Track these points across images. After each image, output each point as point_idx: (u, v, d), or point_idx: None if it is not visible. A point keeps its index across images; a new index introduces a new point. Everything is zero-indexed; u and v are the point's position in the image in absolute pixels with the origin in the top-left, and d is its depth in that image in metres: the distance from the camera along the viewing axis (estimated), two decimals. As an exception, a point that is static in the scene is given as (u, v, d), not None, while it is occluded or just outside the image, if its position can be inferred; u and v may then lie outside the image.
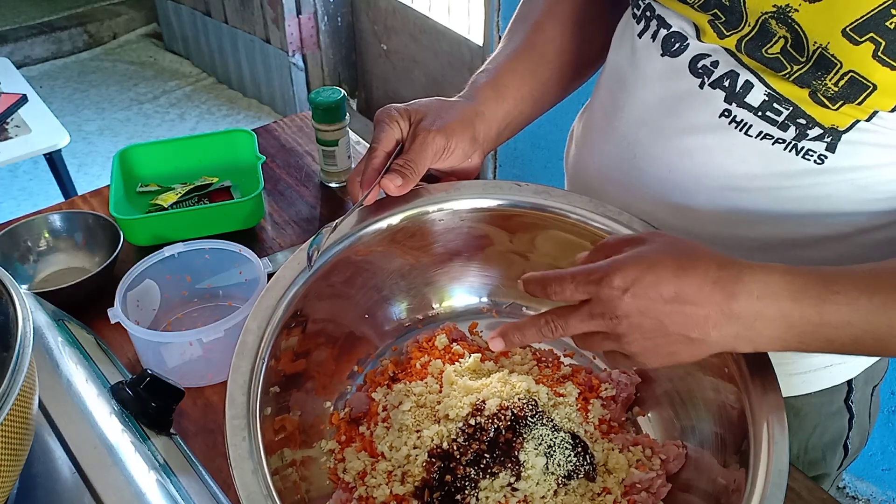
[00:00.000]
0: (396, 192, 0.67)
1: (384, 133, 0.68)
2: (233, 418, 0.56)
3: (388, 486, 0.63)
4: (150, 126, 3.07)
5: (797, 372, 0.75)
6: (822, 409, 0.78)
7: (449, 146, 0.68)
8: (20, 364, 0.49)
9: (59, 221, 0.96)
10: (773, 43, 0.58)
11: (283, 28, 2.78)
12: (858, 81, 0.55)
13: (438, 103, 0.71)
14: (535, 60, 0.78)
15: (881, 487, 1.70)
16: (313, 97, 1.02)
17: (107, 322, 0.77)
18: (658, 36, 0.67)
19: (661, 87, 0.67)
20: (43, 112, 1.98)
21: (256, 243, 0.99)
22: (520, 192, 0.72)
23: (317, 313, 0.68)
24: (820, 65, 0.56)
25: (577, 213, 0.70)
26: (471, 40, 2.35)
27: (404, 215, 0.70)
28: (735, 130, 0.63)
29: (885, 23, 0.52)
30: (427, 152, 0.67)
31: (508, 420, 0.62)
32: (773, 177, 0.63)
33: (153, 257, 0.84)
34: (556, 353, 0.74)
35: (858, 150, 0.60)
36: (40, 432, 0.56)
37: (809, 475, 0.82)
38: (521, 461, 0.61)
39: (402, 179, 0.66)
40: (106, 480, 0.53)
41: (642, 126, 0.69)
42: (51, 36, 3.48)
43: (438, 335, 0.74)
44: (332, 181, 1.08)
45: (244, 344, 0.60)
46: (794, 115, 0.60)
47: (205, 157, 1.09)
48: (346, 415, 0.69)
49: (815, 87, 0.58)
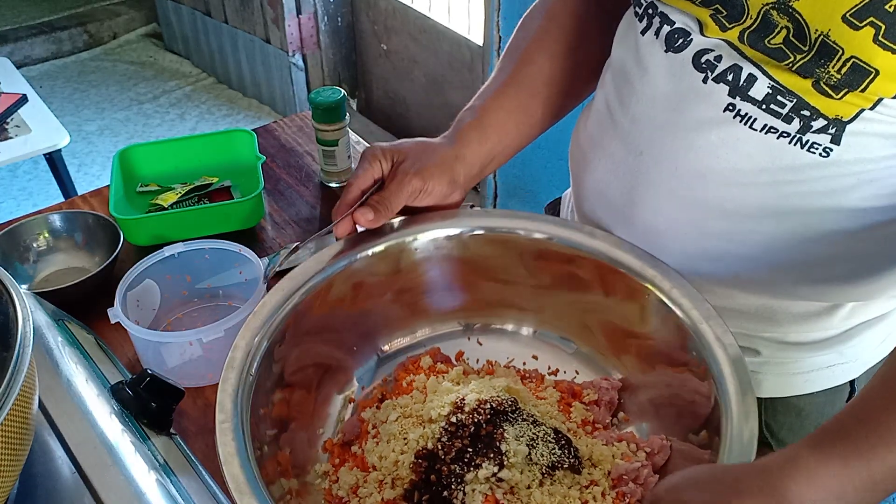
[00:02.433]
0: (367, 225, 0.71)
1: (363, 171, 0.72)
2: (222, 422, 0.58)
3: (380, 493, 0.63)
4: (150, 126, 3.07)
5: (800, 371, 0.75)
6: (824, 409, 0.78)
7: (426, 188, 0.72)
8: (20, 364, 0.49)
9: (59, 221, 0.96)
10: (776, 34, 0.59)
11: (283, 28, 2.78)
12: (860, 67, 0.55)
13: (421, 146, 0.74)
14: (522, 94, 0.79)
15: (881, 487, 1.70)
16: (313, 97, 1.02)
17: (107, 322, 0.77)
18: (661, 33, 0.67)
19: (666, 84, 0.67)
20: (43, 112, 1.98)
21: (256, 243, 0.99)
22: (488, 217, 0.75)
23: (298, 346, 0.69)
24: (822, 53, 0.56)
25: (544, 230, 0.73)
26: (471, 40, 2.35)
27: (382, 247, 0.73)
28: (740, 125, 0.63)
29: (884, 6, 0.53)
30: (403, 192, 0.71)
31: (488, 413, 0.63)
32: (779, 171, 0.63)
33: (153, 257, 0.84)
34: (541, 372, 0.75)
35: (863, 141, 0.60)
36: (40, 432, 0.56)
37: None
38: (503, 451, 0.62)
39: (373, 214, 0.70)
40: (106, 480, 0.53)
41: (648, 123, 0.69)
42: (51, 36, 3.47)
43: (423, 357, 0.75)
44: (332, 181, 1.08)
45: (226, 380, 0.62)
46: (798, 106, 0.60)
47: (205, 157, 1.09)
48: (338, 440, 0.70)
49: (819, 76, 0.58)
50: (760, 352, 0.75)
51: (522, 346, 0.78)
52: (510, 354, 0.77)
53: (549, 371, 0.76)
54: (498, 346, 0.78)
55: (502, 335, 0.79)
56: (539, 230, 0.74)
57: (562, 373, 0.76)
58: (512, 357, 0.77)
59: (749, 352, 0.75)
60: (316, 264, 0.71)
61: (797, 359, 0.75)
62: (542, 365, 0.76)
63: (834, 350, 0.74)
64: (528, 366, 0.76)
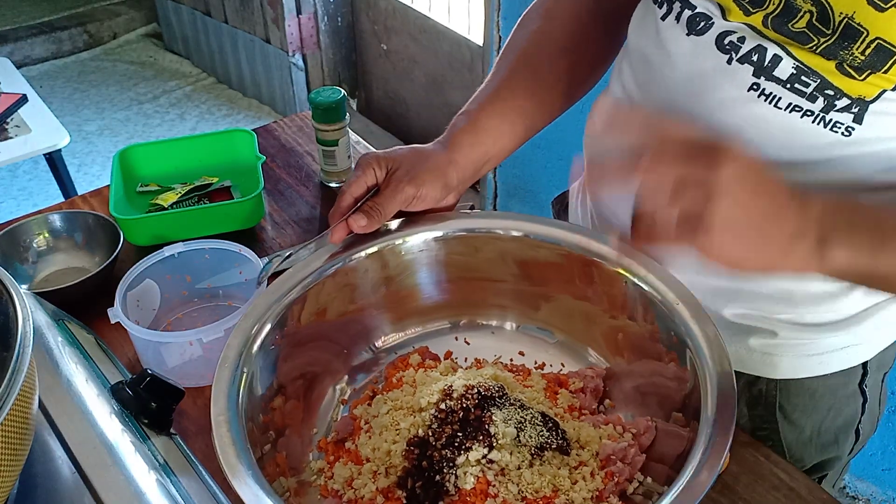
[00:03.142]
0: (360, 230, 0.73)
1: (356, 178, 0.74)
2: (217, 415, 0.60)
3: (374, 483, 0.64)
4: (150, 126, 3.07)
5: (815, 353, 0.76)
6: (836, 391, 0.79)
7: (419, 194, 0.74)
8: (20, 364, 0.49)
9: (59, 221, 0.96)
10: (799, 18, 0.59)
11: (283, 28, 2.78)
12: (885, 48, 0.56)
13: (414, 154, 0.76)
14: (517, 96, 0.80)
15: (881, 487, 1.70)
16: (313, 97, 1.02)
17: (107, 322, 0.77)
18: (682, 17, 0.67)
19: (689, 66, 0.68)
20: (43, 112, 1.98)
21: (256, 243, 0.99)
22: (469, 219, 0.78)
23: (289, 348, 0.71)
24: (846, 35, 0.57)
25: (520, 228, 0.76)
26: (471, 40, 2.35)
27: (372, 249, 0.76)
28: (765, 104, 0.64)
29: None
30: (396, 199, 0.73)
31: (476, 399, 0.65)
32: (802, 149, 0.64)
33: (153, 257, 0.84)
34: (528, 367, 0.77)
35: (885, 121, 0.61)
36: (40, 432, 0.56)
37: (822, 458, 0.83)
38: (492, 433, 0.63)
39: (366, 220, 0.73)
40: (106, 480, 0.53)
41: (671, 105, 0.70)
42: (51, 36, 3.47)
43: (412, 355, 0.77)
44: (332, 181, 1.09)
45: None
46: (822, 86, 0.61)
47: (205, 157, 1.09)
48: (332, 438, 0.71)
49: (842, 58, 0.58)
50: (777, 333, 0.76)
51: (508, 342, 0.80)
52: (497, 352, 0.79)
53: (536, 365, 0.78)
54: (484, 342, 0.80)
55: (487, 331, 0.81)
56: (516, 228, 0.76)
57: (548, 366, 0.78)
58: (499, 354, 0.79)
59: (766, 333, 0.76)
60: (307, 266, 0.73)
61: (812, 339, 0.76)
62: (528, 360, 0.78)
63: (849, 331, 0.75)
64: (515, 361, 0.78)
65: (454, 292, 0.80)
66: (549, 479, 0.63)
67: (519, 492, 0.62)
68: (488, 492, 0.61)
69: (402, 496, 0.63)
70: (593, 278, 0.74)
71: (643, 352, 0.72)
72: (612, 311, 0.74)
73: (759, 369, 0.78)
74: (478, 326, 0.81)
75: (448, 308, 0.81)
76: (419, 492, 0.62)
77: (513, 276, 0.79)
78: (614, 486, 0.63)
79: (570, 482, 0.63)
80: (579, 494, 0.62)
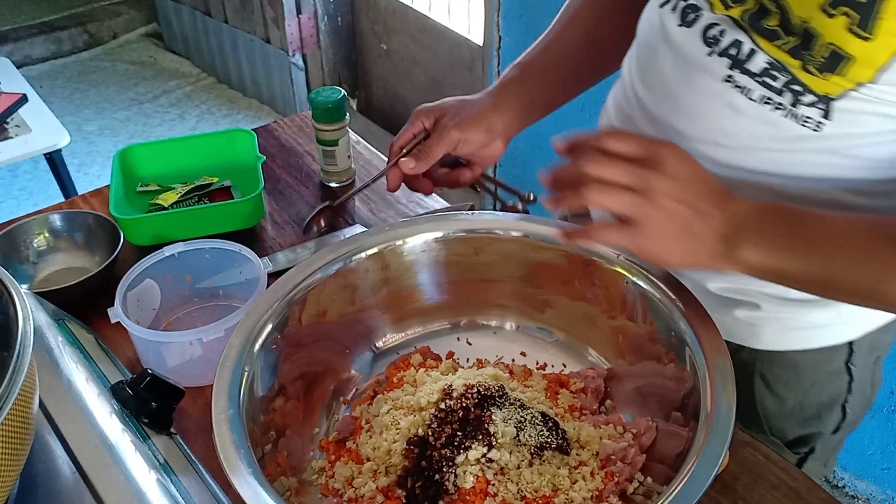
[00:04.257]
0: (409, 172, 0.81)
1: (405, 130, 0.82)
2: (218, 413, 0.61)
3: (374, 482, 0.65)
4: (150, 126, 3.07)
5: (799, 327, 0.77)
6: (820, 366, 0.80)
7: (463, 138, 0.81)
8: (20, 364, 0.50)
9: (59, 221, 0.96)
10: (771, 17, 0.62)
11: (283, 28, 2.78)
12: (837, 53, 0.59)
13: (461, 102, 0.84)
14: (566, 49, 0.86)
15: (881, 487, 1.70)
16: (313, 97, 1.02)
17: (107, 322, 0.77)
18: (678, 7, 0.70)
19: (677, 56, 0.71)
20: (43, 112, 1.98)
21: (256, 243, 0.99)
22: (469, 220, 0.79)
23: (290, 348, 0.71)
24: (807, 38, 0.60)
25: (520, 229, 0.78)
26: (471, 40, 2.35)
27: (371, 251, 0.76)
28: (738, 94, 0.66)
29: None
30: (443, 142, 0.80)
31: (475, 398, 0.65)
32: (775, 140, 0.66)
33: (153, 257, 0.84)
34: (530, 368, 0.77)
35: (853, 118, 0.62)
36: (40, 432, 0.56)
37: (804, 432, 0.84)
38: (491, 433, 0.63)
39: (414, 162, 0.80)
40: (106, 480, 0.53)
41: (661, 91, 0.73)
42: (51, 36, 3.47)
43: (414, 354, 0.77)
44: (332, 181, 1.09)
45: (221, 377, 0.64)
46: (791, 82, 0.63)
47: (205, 156, 1.09)
48: (333, 438, 0.71)
49: (805, 59, 0.61)
50: (761, 306, 0.76)
51: (509, 343, 0.80)
52: (498, 352, 0.79)
53: (538, 366, 0.78)
54: (486, 343, 0.80)
55: (489, 332, 0.81)
56: (516, 229, 0.77)
57: (550, 367, 0.78)
58: (500, 355, 0.79)
59: (749, 306, 0.77)
60: (308, 267, 0.73)
61: (797, 314, 0.76)
62: (530, 360, 0.78)
63: (834, 309, 0.75)
64: (517, 362, 0.78)
65: (455, 293, 0.81)
66: (548, 479, 0.63)
67: (518, 491, 0.62)
68: (487, 491, 0.61)
69: (402, 495, 0.63)
70: (593, 278, 0.74)
71: (643, 352, 0.72)
72: (611, 311, 0.75)
73: (743, 339, 0.79)
74: (479, 327, 0.81)
75: (448, 309, 0.81)
76: (419, 491, 0.62)
77: (513, 277, 0.79)
78: (614, 486, 0.63)
79: (570, 482, 0.63)
80: (579, 494, 0.62)
